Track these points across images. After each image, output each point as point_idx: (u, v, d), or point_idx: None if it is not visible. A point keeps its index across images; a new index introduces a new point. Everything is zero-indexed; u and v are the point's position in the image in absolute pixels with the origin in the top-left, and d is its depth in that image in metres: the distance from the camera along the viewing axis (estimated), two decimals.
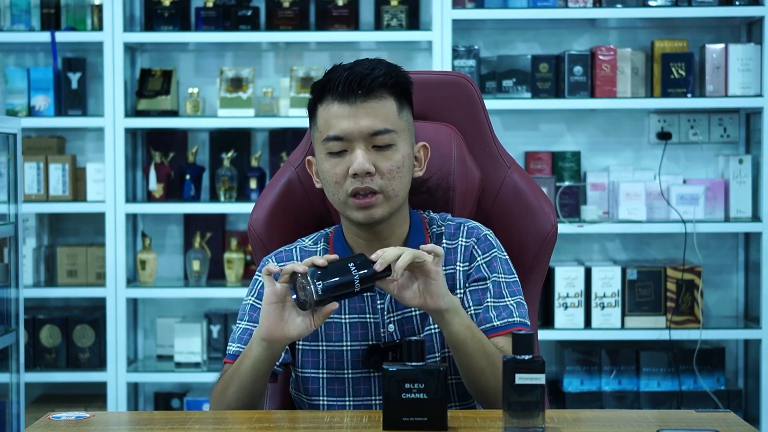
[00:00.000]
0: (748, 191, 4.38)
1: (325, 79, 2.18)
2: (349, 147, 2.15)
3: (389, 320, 2.21)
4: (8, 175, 3.81)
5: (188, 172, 4.47)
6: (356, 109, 2.14)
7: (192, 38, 4.47)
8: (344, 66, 2.18)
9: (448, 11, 4.28)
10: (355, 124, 2.14)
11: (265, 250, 2.36)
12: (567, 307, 4.31)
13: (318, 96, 2.19)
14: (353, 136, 2.14)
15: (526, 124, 4.59)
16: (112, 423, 2.07)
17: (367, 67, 2.15)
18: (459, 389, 2.23)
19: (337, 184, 2.16)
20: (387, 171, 2.15)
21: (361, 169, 2.13)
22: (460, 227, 2.26)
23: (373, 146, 2.15)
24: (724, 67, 4.33)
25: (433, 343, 2.20)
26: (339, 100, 2.15)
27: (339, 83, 2.14)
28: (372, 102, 2.15)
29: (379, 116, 2.15)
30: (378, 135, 2.15)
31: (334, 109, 2.15)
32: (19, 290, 3.82)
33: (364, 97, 2.14)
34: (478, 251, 2.23)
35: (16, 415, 3.82)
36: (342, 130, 2.14)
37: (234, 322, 4.45)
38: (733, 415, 2.03)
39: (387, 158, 2.15)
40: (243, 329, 2.21)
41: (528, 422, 1.87)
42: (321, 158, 2.18)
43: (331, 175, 2.16)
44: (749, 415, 4.43)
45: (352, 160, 2.14)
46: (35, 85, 4.43)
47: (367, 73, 2.14)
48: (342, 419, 2.00)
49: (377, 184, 2.14)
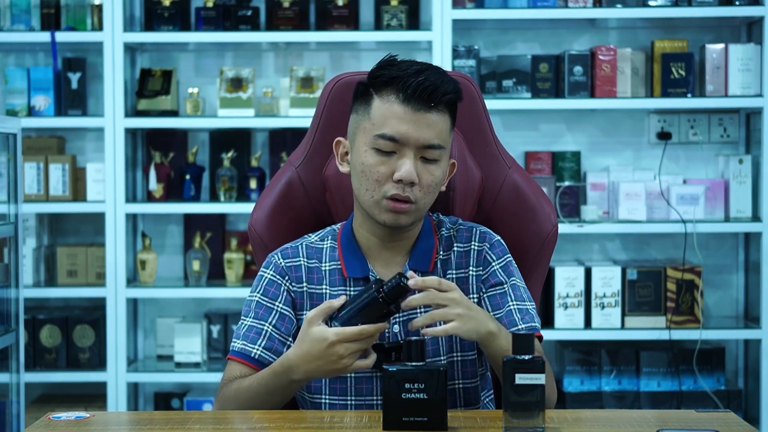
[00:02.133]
0: (748, 191, 4.38)
1: (393, 74, 2.15)
2: (399, 151, 2.15)
3: (394, 321, 2.21)
4: (8, 175, 3.81)
5: (188, 172, 4.47)
6: (419, 117, 2.14)
7: (192, 38, 4.47)
8: (411, 67, 2.16)
9: (448, 11, 4.28)
10: (414, 132, 2.14)
11: (266, 250, 2.36)
12: (567, 307, 4.31)
13: (379, 86, 2.17)
14: (408, 143, 2.14)
15: (526, 124, 4.59)
16: (112, 423, 2.07)
17: (438, 78, 2.15)
18: (466, 394, 2.23)
19: (377, 182, 2.16)
20: (426, 185, 2.16)
21: (408, 178, 2.13)
22: (472, 231, 2.27)
23: (421, 157, 2.16)
24: (724, 67, 4.33)
25: (439, 346, 2.20)
26: (404, 102, 2.14)
27: (409, 86, 2.13)
28: (434, 115, 2.15)
29: (436, 130, 2.15)
30: (430, 148, 2.15)
31: (397, 110, 2.14)
32: (19, 290, 3.82)
33: (428, 108, 2.14)
34: (492, 256, 2.25)
35: (16, 415, 3.82)
36: (400, 134, 2.14)
37: (234, 322, 4.45)
38: (733, 415, 2.03)
39: (430, 172, 2.16)
40: (249, 326, 2.21)
41: (528, 422, 1.87)
42: (364, 149, 2.17)
43: (373, 171, 2.15)
44: (749, 415, 4.43)
45: (400, 166, 2.14)
46: (35, 85, 4.43)
47: (438, 84, 2.14)
48: (342, 419, 2.00)
49: (415, 196, 2.15)
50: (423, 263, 2.23)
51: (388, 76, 2.15)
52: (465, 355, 2.23)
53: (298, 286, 2.23)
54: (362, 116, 2.19)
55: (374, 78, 2.17)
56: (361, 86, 2.20)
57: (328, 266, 2.24)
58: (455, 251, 2.25)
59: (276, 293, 2.22)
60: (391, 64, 2.17)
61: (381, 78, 2.16)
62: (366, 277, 2.22)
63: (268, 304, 2.21)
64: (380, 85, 2.16)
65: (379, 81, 2.17)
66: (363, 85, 2.20)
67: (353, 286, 2.22)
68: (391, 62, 2.18)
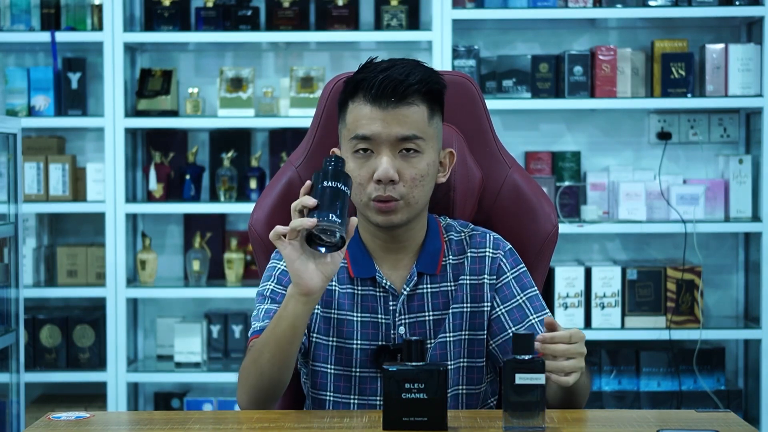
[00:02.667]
0: (748, 191, 4.38)
1: (360, 77, 2.16)
2: (376, 149, 2.15)
3: (400, 322, 2.21)
4: (8, 175, 3.81)
5: (188, 172, 4.47)
6: (387, 113, 2.14)
7: (192, 38, 4.47)
8: (380, 66, 2.17)
9: (448, 11, 4.28)
10: (384, 129, 2.14)
11: (266, 250, 2.36)
12: (567, 307, 4.31)
13: (350, 92, 2.18)
14: (380, 140, 2.14)
15: (526, 124, 4.59)
16: (112, 423, 2.07)
17: (403, 72, 2.14)
18: (468, 400, 2.23)
19: (360, 186, 2.16)
20: (410, 179, 2.15)
21: (384, 176, 2.13)
22: (486, 237, 2.27)
23: (399, 151, 2.15)
24: (724, 67, 4.33)
25: (446, 351, 2.20)
26: (371, 102, 2.14)
27: (373, 86, 2.13)
28: (403, 108, 2.15)
29: (408, 123, 2.15)
30: (405, 140, 2.15)
31: (365, 111, 2.15)
32: (19, 290, 3.82)
33: (396, 103, 2.14)
34: (506, 265, 2.25)
35: (16, 415, 3.83)
36: (371, 132, 2.14)
37: (234, 322, 4.46)
38: (733, 415, 2.03)
39: (412, 165, 2.16)
40: (266, 309, 2.19)
41: (528, 422, 1.87)
42: (347, 156, 2.18)
43: (355, 176, 2.15)
44: (749, 415, 4.42)
45: (377, 165, 2.14)
46: (35, 85, 4.43)
47: (401, 79, 2.13)
48: (342, 419, 2.00)
49: (398, 192, 2.15)
50: (430, 266, 2.23)
51: (357, 80, 2.17)
52: (473, 362, 2.23)
53: None
54: (342, 124, 2.21)
55: (346, 85, 2.19)
56: (340, 95, 2.22)
57: None
58: (469, 257, 2.25)
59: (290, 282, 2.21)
60: (365, 68, 2.18)
61: (351, 83, 2.18)
62: (373, 277, 2.22)
63: (283, 291, 2.19)
64: (351, 91, 2.18)
65: (349, 86, 2.18)
66: (341, 94, 2.21)
67: (360, 286, 2.22)
68: (365, 66, 2.19)
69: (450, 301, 2.22)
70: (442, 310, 2.22)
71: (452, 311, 2.22)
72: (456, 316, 2.22)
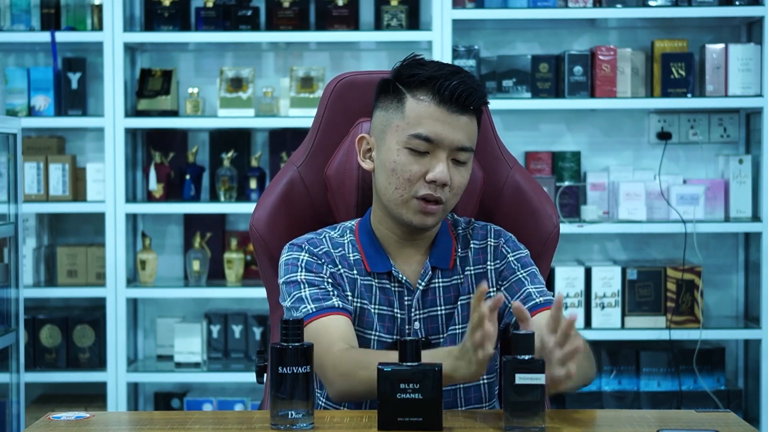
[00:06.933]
0: (748, 191, 4.38)
1: (427, 74, 2.16)
2: (433, 152, 2.16)
3: (415, 318, 2.22)
4: (8, 175, 3.81)
5: (188, 172, 4.47)
6: (453, 119, 2.15)
7: (192, 38, 4.46)
8: (444, 68, 2.17)
9: (448, 11, 4.28)
10: (448, 134, 2.15)
11: (267, 250, 2.36)
12: (567, 307, 4.31)
13: (412, 86, 2.17)
14: (442, 144, 2.16)
15: (526, 124, 4.59)
16: (112, 423, 2.07)
17: (472, 82, 2.17)
18: (466, 394, 2.24)
19: (408, 182, 2.16)
20: (457, 186, 2.18)
21: (443, 179, 2.15)
22: (487, 228, 2.30)
23: (452, 159, 2.17)
24: (724, 67, 4.33)
25: (457, 343, 2.20)
26: (440, 103, 2.15)
27: (446, 89, 2.14)
28: (467, 118, 2.17)
29: (468, 133, 2.18)
30: (461, 150, 2.17)
31: (432, 110, 2.15)
32: (19, 290, 3.82)
33: (462, 111, 2.16)
34: (507, 249, 2.27)
35: (16, 415, 3.83)
36: (435, 134, 2.15)
37: (234, 322, 4.46)
38: (733, 415, 2.03)
39: (460, 174, 2.19)
40: (311, 292, 2.18)
41: (528, 422, 1.87)
42: (396, 148, 2.18)
43: (405, 170, 2.16)
44: (749, 415, 4.43)
45: (434, 167, 2.15)
46: (35, 85, 4.43)
47: (474, 89, 2.16)
48: (342, 419, 2.00)
49: (445, 196, 2.17)
50: (443, 261, 2.25)
51: (424, 76, 2.16)
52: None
53: (335, 268, 2.23)
54: (393, 114, 2.19)
55: (408, 77, 2.18)
56: (389, 84, 2.20)
57: (353, 257, 2.25)
58: (472, 248, 2.27)
59: (319, 269, 2.21)
60: (422, 64, 2.19)
61: (416, 78, 2.17)
62: (389, 272, 2.23)
63: (315, 278, 2.20)
64: (415, 85, 2.17)
65: (414, 80, 2.17)
66: (392, 83, 2.20)
67: (378, 279, 2.23)
68: (421, 62, 2.20)
69: (459, 294, 2.24)
70: (452, 304, 2.24)
71: (460, 303, 2.24)
72: (464, 307, 2.23)
